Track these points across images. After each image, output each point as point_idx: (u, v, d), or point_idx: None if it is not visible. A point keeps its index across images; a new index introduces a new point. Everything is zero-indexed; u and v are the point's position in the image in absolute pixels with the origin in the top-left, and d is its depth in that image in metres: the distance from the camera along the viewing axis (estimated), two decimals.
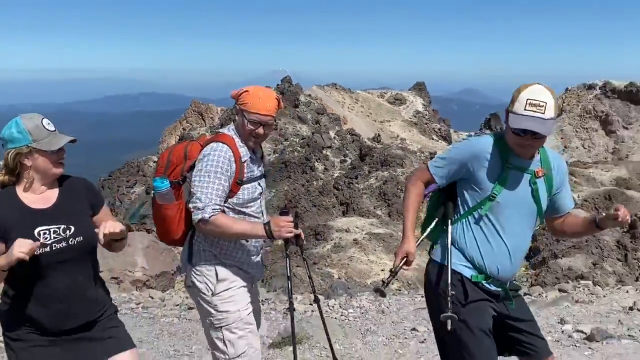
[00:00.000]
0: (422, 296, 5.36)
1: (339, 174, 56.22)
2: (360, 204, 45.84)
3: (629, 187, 48.37)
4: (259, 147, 3.70)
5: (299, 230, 3.62)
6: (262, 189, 3.71)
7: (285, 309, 8.85)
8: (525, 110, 3.06)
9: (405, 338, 7.13)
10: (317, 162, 60.14)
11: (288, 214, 3.48)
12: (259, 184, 3.67)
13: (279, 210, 3.56)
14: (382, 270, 31.45)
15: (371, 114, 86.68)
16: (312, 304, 10.21)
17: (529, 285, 24.55)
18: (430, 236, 3.47)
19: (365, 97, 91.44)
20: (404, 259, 3.24)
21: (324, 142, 63.69)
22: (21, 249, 2.57)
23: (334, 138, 66.24)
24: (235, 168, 3.47)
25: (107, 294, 3.15)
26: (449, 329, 3.13)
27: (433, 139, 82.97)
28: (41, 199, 2.88)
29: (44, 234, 2.78)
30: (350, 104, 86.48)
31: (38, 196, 2.88)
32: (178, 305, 9.59)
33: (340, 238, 37.08)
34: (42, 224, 2.80)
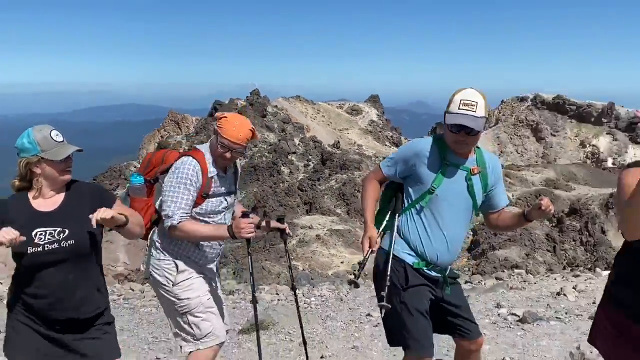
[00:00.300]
0: None
1: (302, 176, 56.16)
2: (322, 204, 45.84)
3: (556, 187, 49.65)
4: (231, 165, 3.65)
5: (284, 225, 3.81)
6: (228, 204, 3.64)
7: (251, 300, 8.80)
8: (459, 109, 3.10)
9: (361, 322, 7.15)
10: (283, 166, 59.99)
11: (249, 216, 3.43)
12: (226, 199, 3.61)
13: (240, 213, 3.52)
14: (342, 263, 31.53)
15: (331, 123, 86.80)
16: (278, 294, 10.19)
17: (470, 274, 24.73)
18: (384, 227, 3.48)
19: (325, 108, 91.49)
20: (370, 249, 3.25)
21: (289, 148, 63.61)
22: (3, 233, 2.56)
23: (298, 145, 66.19)
24: (202, 182, 3.44)
25: (104, 300, 3.03)
26: (382, 316, 3.20)
27: (386, 145, 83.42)
28: (48, 202, 2.86)
29: (40, 235, 2.76)
30: (312, 114, 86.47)
31: (46, 200, 2.86)
32: (156, 296, 9.47)
33: (304, 234, 37.05)
34: (41, 226, 2.78)
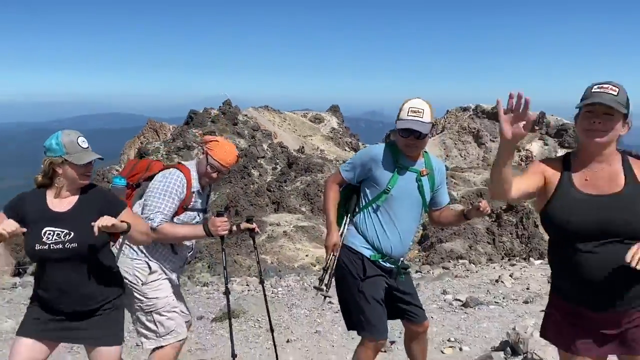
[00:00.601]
0: None
1: (271, 178, 55.86)
2: (288, 203, 45.69)
3: None
4: (208, 185, 3.60)
5: (253, 225, 3.73)
6: (199, 220, 3.56)
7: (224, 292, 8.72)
8: (408, 115, 3.16)
9: (323, 309, 7.15)
10: (253, 169, 59.55)
11: (223, 215, 3.38)
12: (199, 214, 3.55)
13: (215, 212, 3.47)
14: (307, 256, 31.46)
15: (296, 130, 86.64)
16: (248, 285, 10.11)
17: (420, 264, 24.93)
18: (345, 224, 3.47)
19: (291, 117, 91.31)
20: (332, 254, 3.28)
21: (258, 153, 63.23)
22: (4, 226, 2.49)
23: (267, 150, 65.85)
24: (186, 194, 3.37)
25: (114, 290, 2.93)
26: (313, 296, 3.24)
27: (346, 150, 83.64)
28: (63, 203, 2.79)
29: (48, 234, 2.70)
30: (279, 122, 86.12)
31: (61, 200, 2.79)
32: None
33: (273, 230, 36.80)
34: (51, 225, 2.71)
